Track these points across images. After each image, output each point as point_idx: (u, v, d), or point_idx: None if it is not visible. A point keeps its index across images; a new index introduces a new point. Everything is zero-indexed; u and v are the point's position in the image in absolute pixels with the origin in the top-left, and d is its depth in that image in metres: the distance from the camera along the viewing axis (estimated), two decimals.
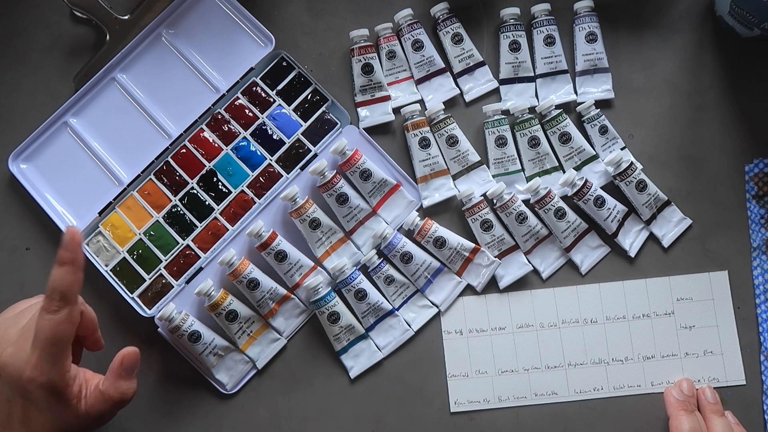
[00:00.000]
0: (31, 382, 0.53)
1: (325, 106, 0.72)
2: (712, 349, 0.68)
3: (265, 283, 0.68)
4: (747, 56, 0.72)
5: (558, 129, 0.70)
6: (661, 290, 0.69)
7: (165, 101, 0.72)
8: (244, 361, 0.69)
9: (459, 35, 0.72)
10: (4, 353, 0.55)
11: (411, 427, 0.68)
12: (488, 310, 0.70)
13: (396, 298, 0.70)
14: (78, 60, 0.74)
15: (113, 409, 0.58)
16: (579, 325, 0.69)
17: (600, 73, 0.72)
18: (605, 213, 0.68)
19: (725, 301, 0.69)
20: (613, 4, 0.73)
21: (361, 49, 0.71)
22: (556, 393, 0.68)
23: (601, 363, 0.69)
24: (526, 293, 0.70)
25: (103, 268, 0.70)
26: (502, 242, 0.69)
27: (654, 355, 0.68)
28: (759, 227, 0.69)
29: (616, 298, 0.69)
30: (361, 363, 0.69)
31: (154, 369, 0.70)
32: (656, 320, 0.69)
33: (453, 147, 0.70)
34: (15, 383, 0.54)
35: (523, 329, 0.69)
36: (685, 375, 0.68)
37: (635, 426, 0.68)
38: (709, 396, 0.65)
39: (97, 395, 0.57)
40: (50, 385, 0.54)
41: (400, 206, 0.71)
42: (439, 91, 0.72)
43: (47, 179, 0.72)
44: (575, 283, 0.70)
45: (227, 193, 0.71)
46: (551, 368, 0.69)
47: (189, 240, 0.70)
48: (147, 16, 0.73)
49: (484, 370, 0.69)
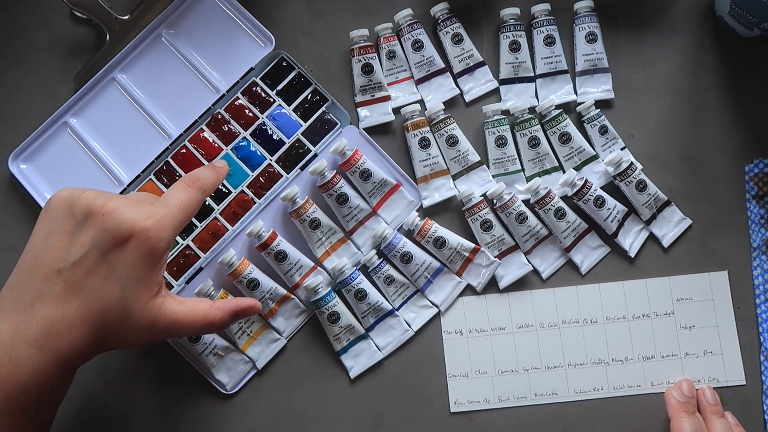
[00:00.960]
0: (142, 233, 0.51)
1: (325, 106, 0.72)
2: (712, 349, 0.68)
3: (265, 283, 0.68)
4: (747, 56, 0.72)
5: (558, 129, 0.70)
6: (661, 290, 0.69)
7: (165, 101, 0.72)
8: (244, 361, 0.69)
9: (459, 35, 0.72)
10: (112, 201, 0.52)
11: (411, 427, 0.68)
12: (488, 310, 0.70)
13: (396, 298, 0.70)
14: (78, 60, 0.74)
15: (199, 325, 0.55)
16: (579, 325, 0.69)
17: (600, 73, 0.72)
18: (605, 213, 0.68)
19: (725, 301, 0.69)
20: (613, 4, 0.73)
21: (361, 49, 0.71)
22: (556, 393, 0.68)
23: (601, 363, 0.69)
24: (526, 293, 0.70)
25: None
26: (502, 242, 0.69)
27: (654, 356, 0.68)
28: (759, 227, 0.69)
29: (616, 298, 0.69)
30: (361, 363, 0.69)
31: (154, 369, 0.70)
32: (656, 320, 0.69)
33: (453, 147, 0.70)
34: (116, 231, 0.51)
35: (523, 329, 0.69)
36: (685, 375, 0.68)
37: (635, 426, 0.68)
38: (709, 397, 0.65)
39: (188, 306, 0.55)
40: (155, 247, 0.51)
41: (400, 206, 0.71)
42: (439, 91, 0.72)
43: (47, 179, 0.72)
44: (575, 284, 0.70)
45: (227, 193, 0.71)
46: (551, 368, 0.69)
47: (189, 240, 0.70)
48: (147, 16, 0.73)
49: (484, 370, 0.69)
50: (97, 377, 0.70)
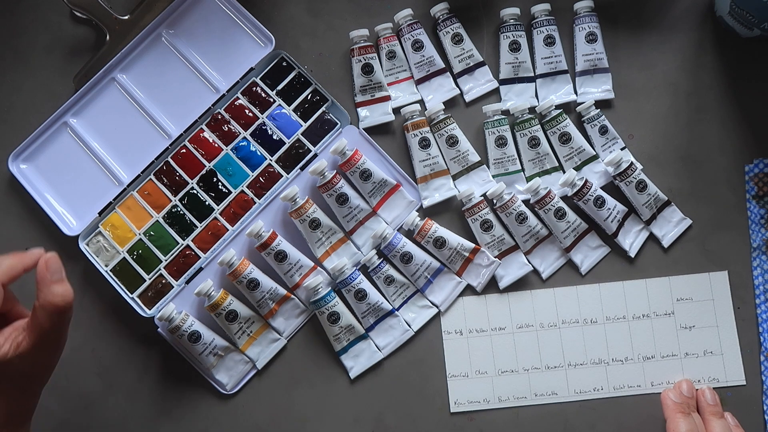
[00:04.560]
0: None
1: (325, 106, 0.72)
2: (712, 349, 0.68)
3: (265, 283, 0.68)
4: (747, 56, 0.72)
5: (558, 129, 0.70)
6: (661, 290, 0.69)
7: (165, 101, 0.72)
8: (244, 362, 0.69)
9: (459, 35, 0.72)
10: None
11: (411, 427, 0.68)
12: (488, 311, 0.70)
13: (396, 298, 0.70)
14: (78, 60, 0.74)
15: (59, 320, 0.53)
16: (579, 325, 0.69)
17: (600, 74, 0.72)
18: (605, 213, 0.68)
19: (725, 302, 0.69)
20: (613, 4, 0.73)
21: (361, 49, 0.71)
22: (556, 393, 0.68)
23: (601, 363, 0.69)
24: (526, 293, 0.70)
25: (103, 268, 0.70)
26: (502, 242, 0.69)
27: (654, 356, 0.68)
28: (759, 227, 0.69)
29: (616, 298, 0.69)
30: (361, 363, 0.69)
31: (154, 369, 0.70)
32: (656, 320, 0.69)
33: (453, 147, 0.70)
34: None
35: (523, 329, 0.69)
36: (685, 375, 0.68)
37: (635, 426, 0.68)
38: (709, 397, 0.65)
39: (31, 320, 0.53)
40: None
41: (400, 206, 0.71)
42: (439, 92, 0.72)
43: (47, 179, 0.72)
44: (575, 284, 0.70)
45: (227, 193, 0.71)
46: (551, 368, 0.69)
47: (189, 240, 0.70)
48: (147, 16, 0.73)
49: (484, 371, 0.69)
50: (97, 377, 0.70)
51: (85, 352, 0.70)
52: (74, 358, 0.70)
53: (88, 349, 0.70)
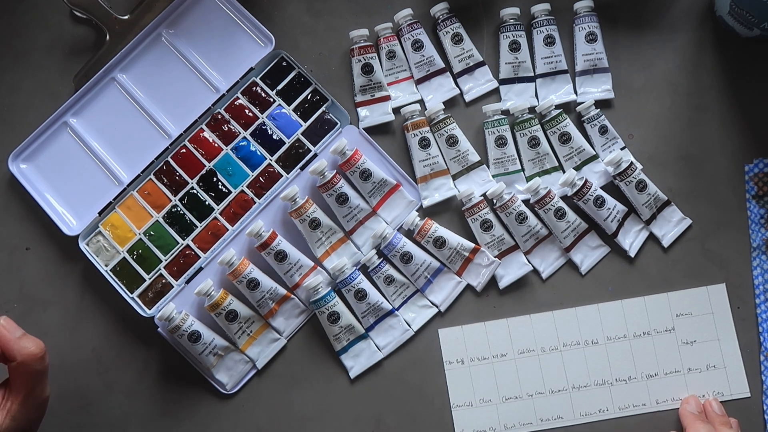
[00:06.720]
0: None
1: (325, 106, 0.72)
2: (714, 363, 0.68)
3: (265, 283, 0.68)
4: (747, 56, 0.72)
5: (558, 129, 0.70)
6: (660, 307, 0.69)
7: (165, 101, 0.72)
8: (244, 361, 0.69)
9: (459, 35, 0.72)
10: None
11: (411, 427, 0.68)
12: (488, 338, 0.69)
13: (396, 298, 0.70)
14: (78, 60, 0.74)
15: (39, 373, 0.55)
16: (580, 347, 0.69)
17: (600, 73, 0.72)
18: (605, 213, 0.68)
19: (725, 314, 0.68)
20: (613, 4, 0.73)
21: (361, 49, 0.71)
22: (561, 417, 0.68)
23: (605, 384, 0.68)
24: (525, 318, 0.69)
25: (103, 268, 0.70)
26: (502, 242, 0.69)
27: (657, 373, 0.68)
28: (759, 227, 0.69)
29: (616, 317, 0.69)
30: (361, 363, 0.69)
31: (154, 369, 0.70)
32: (657, 337, 0.68)
33: (453, 147, 0.70)
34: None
35: (525, 354, 0.69)
36: (689, 391, 0.67)
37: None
38: (716, 408, 0.66)
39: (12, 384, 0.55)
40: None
41: (400, 206, 0.71)
42: (439, 91, 0.72)
43: (47, 179, 0.72)
44: (575, 286, 0.69)
45: (227, 193, 0.71)
46: (555, 392, 0.68)
47: (189, 240, 0.70)
48: (147, 16, 0.73)
49: (488, 399, 0.68)
50: (97, 377, 0.70)
51: (85, 352, 0.70)
52: (74, 358, 0.70)
53: (88, 349, 0.70)
